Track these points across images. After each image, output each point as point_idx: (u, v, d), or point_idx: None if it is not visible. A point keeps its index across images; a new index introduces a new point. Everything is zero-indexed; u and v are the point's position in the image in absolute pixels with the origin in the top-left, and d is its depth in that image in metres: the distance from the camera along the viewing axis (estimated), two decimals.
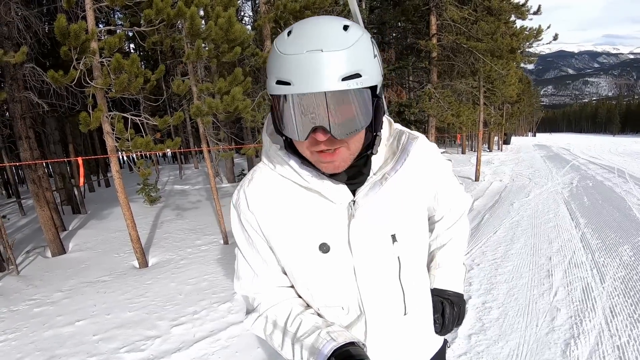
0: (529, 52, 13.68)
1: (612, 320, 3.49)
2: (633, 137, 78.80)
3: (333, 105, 0.77)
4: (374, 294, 1.01)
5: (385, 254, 1.00)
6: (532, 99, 63.78)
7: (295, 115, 0.80)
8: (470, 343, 3.28)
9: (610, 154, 21.64)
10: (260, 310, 1.07)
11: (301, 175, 0.95)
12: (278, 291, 1.08)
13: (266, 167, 1.03)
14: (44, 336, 3.98)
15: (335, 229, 0.97)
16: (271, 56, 0.82)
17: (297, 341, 0.96)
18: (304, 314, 1.02)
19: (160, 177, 16.49)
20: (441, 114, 12.04)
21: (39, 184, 6.77)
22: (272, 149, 0.99)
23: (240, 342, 3.54)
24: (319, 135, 0.80)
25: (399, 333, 1.08)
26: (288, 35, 0.80)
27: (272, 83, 0.80)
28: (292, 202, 0.99)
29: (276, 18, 6.68)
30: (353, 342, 0.92)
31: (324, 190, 0.95)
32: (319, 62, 0.74)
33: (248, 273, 1.09)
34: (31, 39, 6.68)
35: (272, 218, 1.00)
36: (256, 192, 1.01)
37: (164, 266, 5.93)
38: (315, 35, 0.77)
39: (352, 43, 0.77)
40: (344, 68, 0.76)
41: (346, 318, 1.04)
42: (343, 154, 0.87)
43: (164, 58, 14.92)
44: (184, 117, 5.69)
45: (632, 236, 5.76)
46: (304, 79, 0.75)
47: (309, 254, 0.99)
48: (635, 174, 11.99)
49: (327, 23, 0.80)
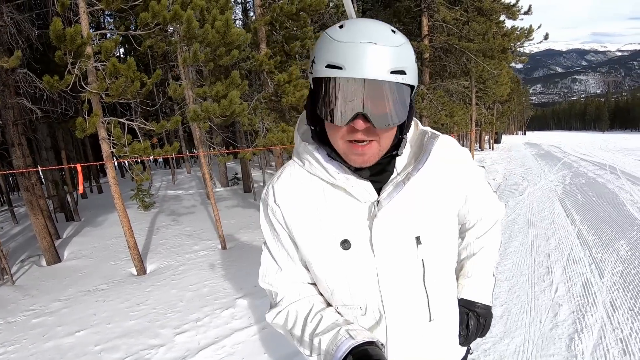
0: (520, 52, 13.82)
1: (614, 314, 3.52)
2: (622, 133, 79.86)
3: (378, 94, 0.82)
4: (396, 296, 1.00)
5: (408, 256, 1.00)
6: (522, 98, 64.33)
7: (341, 99, 0.83)
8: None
9: (601, 150, 21.91)
10: (282, 306, 1.08)
11: (327, 171, 0.97)
12: (301, 287, 1.09)
13: (295, 164, 1.06)
14: (44, 348, 3.92)
15: (357, 226, 0.98)
16: (321, 42, 0.86)
17: (315, 337, 0.97)
18: (325, 311, 1.03)
19: (153, 182, 16.39)
20: (434, 114, 12.10)
21: (32, 192, 6.68)
22: (302, 145, 1.02)
23: (245, 348, 3.51)
24: (359, 123, 0.84)
25: (422, 340, 1.07)
26: (340, 28, 0.84)
27: (320, 67, 0.84)
28: (317, 197, 1.01)
29: (272, 21, 6.68)
30: (372, 341, 0.91)
31: (350, 187, 0.96)
32: (372, 52, 0.80)
33: (272, 267, 1.10)
34: (23, 44, 6.59)
35: (297, 212, 1.01)
36: (283, 187, 1.04)
37: (162, 273, 5.88)
38: (369, 30, 0.82)
39: (400, 44, 0.84)
40: (393, 62, 0.81)
41: (363, 319, 1.04)
42: (374, 148, 0.90)
43: (155, 63, 14.84)
44: (180, 121, 5.65)
45: (627, 231, 5.83)
46: (356, 65, 0.79)
47: (330, 250, 0.99)
48: (626, 170, 12.15)
49: (378, 23, 0.86)
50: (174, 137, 19.65)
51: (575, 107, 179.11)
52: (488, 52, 10.85)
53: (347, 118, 0.83)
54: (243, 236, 7.46)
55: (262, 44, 6.99)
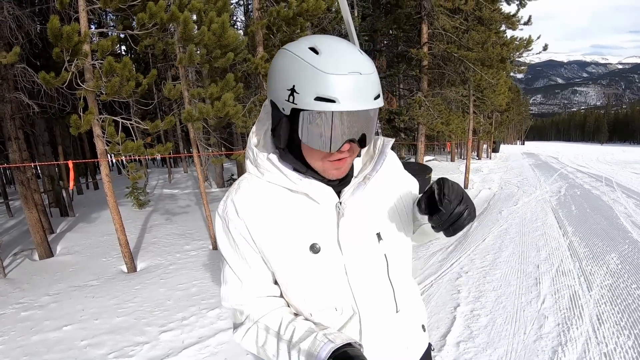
0: (519, 62, 13.89)
1: (599, 328, 3.54)
2: (621, 145, 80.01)
3: (367, 120, 0.90)
4: (365, 292, 1.04)
5: (372, 252, 1.05)
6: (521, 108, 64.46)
7: (334, 129, 0.86)
8: (459, 350, 3.30)
9: (599, 162, 21.94)
10: (249, 323, 1.06)
11: (290, 179, 0.99)
12: (266, 301, 1.08)
13: (252, 176, 1.06)
14: (31, 341, 3.93)
15: (324, 229, 1.00)
16: (301, 70, 0.85)
17: (293, 347, 0.96)
18: (296, 320, 1.02)
19: (149, 180, 16.37)
20: (431, 122, 12.15)
21: (27, 186, 6.69)
22: (260, 157, 1.02)
23: (229, 349, 3.52)
24: (346, 146, 0.90)
25: (391, 331, 1.11)
26: (316, 53, 0.85)
27: (307, 99, 0.84)
28: (281, 206, 1.01)
29: (269, 24, 6.70)
30: (350, 342, 0.92)
31: (311, 192, 0.99)
32: (361, 83, 0.84)
33: (235, 283, 1.08)
34: (23, 39, 6.61)
35: (263, 223, 1.01)
36: (245, 199, 1.03)
37: (152, 271, 5.88)
38: (349, 57, 0.85)
39: (373, 69, 0.88)
40: (375, 89, 0.87)
41: (340, 319, 1.05)
42: (349, 161, 0.97)
43: (155, 62, 14.87)
44: (175, 121, 5.66)
45: (619, 244, 5.84)
46: (350, 99, 0.83)
47: (300, 256, 1.00)
48: (622, 183, 12.17)
49: (349, 46, 0.89)
50: (172, 136, 19.67)
51: (575, 118, 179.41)
52: (487, 61, 10.90)
53: (338, 145, 0.88)
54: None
55: (259, 47, 7.02)
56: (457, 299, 4.29)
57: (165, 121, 5.29)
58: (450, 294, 4.44)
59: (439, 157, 26.72)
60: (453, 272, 5.10)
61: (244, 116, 6.30)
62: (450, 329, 3.65)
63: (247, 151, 1.09)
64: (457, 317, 3.88)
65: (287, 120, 0.93)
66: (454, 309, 4.06)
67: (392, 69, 15.00)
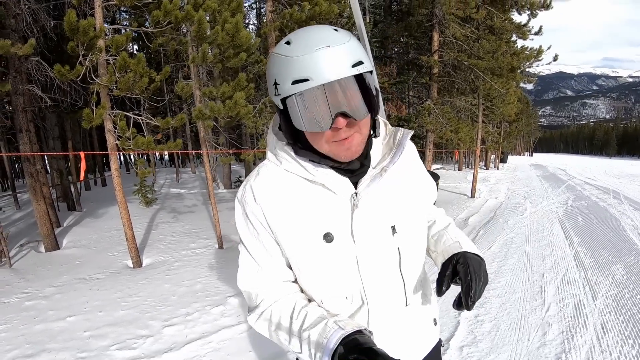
0: (529, 72, 13.85)
1: (604, 337, 3.51)
2: (629, 159, 79.37)
3: (349, 90, 0.87)
4: (375, 283, 1.05)
5: (385, 244, 1.05)
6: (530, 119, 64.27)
7: (317, 106, 0.87)
8: (462, 355, 3.29)
9: (606, 175, 21.77)
10: (263, 306, 1.08)
11: (307, 169, 1.00)
12: (281, 286, 1.10)
13: (271, 163, 1.08)
14: (34, 330, 3.96)
15: (339, 219, 1.02)
16: (276, 63, 0.88)
17: (303, 332, 0.97)
18: (309, 306, 1.04)
19: (157, 179, 16.47)
20: (440, 129, 12.13)
21: (36, 178, 6.76)
22: (279, 145, 1.05)
23: (232, 345, 3.54)
24: (339, 121, 0.88)
25: (400, 324, 1.12)
26: (288, 44, 0.88)
27: (286, 86, 0.87)
28: (297, 194, 1.03)
29: (282, 27, 6.75)
30: (360, 330, 0.92)
31: (328, 182, 1.00)
32: (331, 55, 0.84)
33: (252, 267, 1.10)
34: (38, 33, 6.70)
35: (279, 210, 1.03)
36: (263, 186, 1.05)
37: (157, 267, 5.92)
38: (317, 37, 0.86)
39: (348, 39, 0.88)
40: (351, 57, 0.86)
41: (350, 308, 1.07)
42: (357, 139, 0.95)
43: (167, 60, 14.99)
44: (185, 119, 5.71)
45: (625, 256, 5.81)
46: (322, 72, 0.83)
47: (313, 244, 1.02)
48: (630, 196, 12.08)
49: (320, 28, 0.90)
50: (181, 135, 19.77)
51: (584, 131, 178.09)
52: (497, 70, 10.88)
53: (329, 122, 0.87)
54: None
55: (272, 49, 7.05)
56: None
57: (176, 118, 5.34)
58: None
59: (447, 166, 26.63)
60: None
61: (254, 117, 6.34)
62: (454, 333, 3.64)
63: (268, 137, 1.11)
64: (461, 322, 3.87)
65: (283, 115, 0.96)
66: (458, 314, 4.04)
67: (402, 76, 15.03)
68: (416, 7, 12.24)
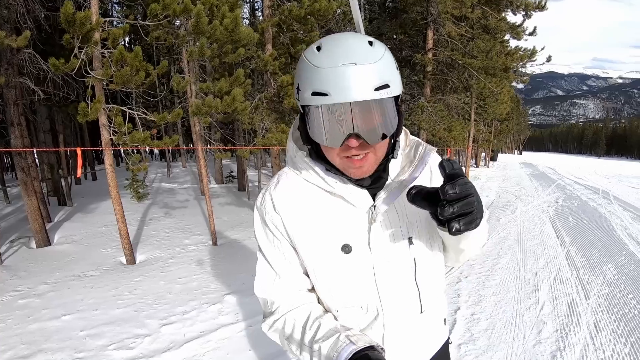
0: (522, 72, 13.94)
1: (597, 335, 3.57)
2: (618, 159, 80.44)
3: (367, 113, 0.84)
4: (391, 293, 1.05)
5: (401, 256, 1.05)
6: (520, 118, 64.78)
7: (331, 123, 0.85)
8: (460, 352, 3.33)
9: (596, 175, 22.08)
10: (278, 314, 1.08)
11: (326, 181, 1.00)
12: (298, 295, 1.10)
13: (291, 172, 1.08)
14: (29, 329, 3.90)
15: (357, 231, 1.02)
16: (303, 69, 0.87)
17: (315, 344, 0.97)
18: (323, 317, 1.03)
19: (148, 174, 16.33)
20: (433, 127, 12.18)
21: (27, 173, 6.66)
22: (298, 155, 1.04)
23: (231, 344, 3.53)
24: (352, 141, 0.86)
25: (415, 330, 1.12)
26: (318, 50, 0.86)
27: (306, 95, 0.85)
28: (316, 205, 1.03)
29: (279, 22, 6.72)
30: (372, 346, 0.92)
31: (347, 195, 1.00)
32: (354, 74, 0.81)
33: (270, 274, 1.10)
34: (31, 24, 6.58)
35: (298, 219, 1.03)
36: (283, 195, 1.05)
37: (152, 264, 5.87)
38: (347, 50, 0.83)
39: (379, 57, 0.85)
40: (376, 79, 0.82)
41: (365, 317, 1.07)
42: (370, 159, 0.93)
43: (160, 54, 14.85)
44: (182, 114, 5.67)
45: (616, 255, 5.90)
46: (342, 90, 0.81)
47: (331, 254, 1.02)
48: (619, 196, 12.26)
49: (354, 39, 0.87)
50: (172, 131, 19.62)
51: (573, 130, 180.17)
52: (490, 69, 10.96)
53: (340, 140, 0.86)
54: (234, 234, 7.46)
55: (268, 45, 7.02)
56: (457, 303, 4.31)
57: (172, 114, 5.29)
58: (451, 297, 4.47)
59: None
60: (453, 277, 5.12)
61: (251, 112, 6.31)
62: (452, 331, 3.67)
63: (287, 145, 1.11)
64: (458, 320, 3.90)
65: (301, 118, 0.96)
66: (455, 312, 4.08)
67: None
68: (411, 4, 12.25)
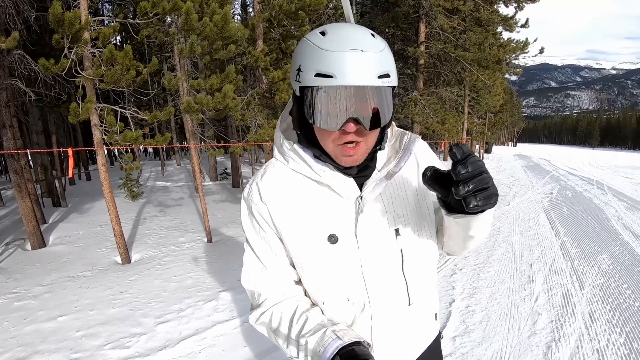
0: (515, 64, 13.96)
1: (592, 325, 3.60)
2: (612, 150, 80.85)
3: (368, 98, 0.85)
4: (378, 284, 1.05)
5: (388, 247, 1.05)
6: (514, 110, 64.92)
7: (331, 106, 0.85)
8: (455, 344, 3.34)
9: (590, 166, 22.16)
10: (266, 306, 1.08)
11: (314, 169, 1.00)
12: (285, 287, 1.09)
13: (278, 163, 1.07)
14: (25, 331, 3.89)
15: (343, 221, 1.02)
16: (306, 50, 0.87)
17: (301, 338, 0.97)
18: (310, 311, 1.03)
19: (142, 172, 16.29)
20: (426, 120, 12.19)
21: (21, 175, 6.62)
22: (286, 144, 1.04)
23: (226, 340, 3.53)
24: (350, 126, 0.86)
25: (403, 322, 1.11)
26: (323, 35, 0.86)
27: (309, 76, 0.85)
28: (303, 195, 1.03)
29: (270, 18, 6.69)
30: (359, 341, 0.92)
31: (334, 184, 1.00)
32: (360, 59, 0.83)
33: (256, 266, 1.10)
34: (21, 25, 6.52)
35: (284, 209, 1.03)
36: (269, 185, 1.05)
37: (147, 263, 5.86)
38: (353, 37, 0.85)
39: (382, 48, 0.87)
40: (379, 67, 0.85)
41: (352, 309, 1.06)
42: (362, 148, 0.94)
43: (151, 52, 14.76)
44: (173, 112, 5.64)
45: (610, 246, 5.93)
46: (348, 74, 0.82)
47: (318, 245, 1.02)
48: (613, 187, 12.33)
49: (359, 29, 0.88)
50: (166, 128, 19.56)
51: (567, 121, 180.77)
52: (483, 62, 10.96)
53: (340, 123, 0.86)
54: (229, 231, 7.46)
55: (259, 41, 7.00)
56: (452, 295, 4.33)
57: (164, 112, 5.26)
58: (445, 290, 4.48)
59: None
60: (447, 269, 5.14)
61: (242, 109, 6.29)
62: (446, 324, 3.69)
63: (275, 137, 1.10)
64: (453, 312, 3.92)
65: (297, 102, 0.95)
66: (449, 304, 4.10)
67: None
68: None
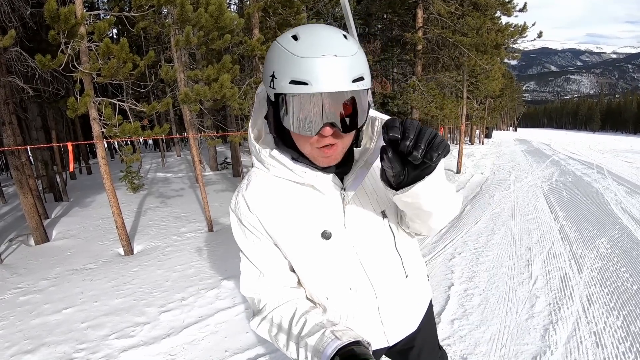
0: (513, 48, 13.88)
1: (589, 308, 3.64)
2: (613, 134, 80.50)
3: (344, 103, 0.87)
4: (376, 266, 1.11)
5: (379, 228, 1.11)
6: (514, 94, 64.49)
7: (307, 112, 0.87)
8: (454, 327, 3.40)
9: (590, 150, 22.09)
10: (265, 312, 1.11)
11: (295, 172, 1.02)
12: (283, 292, 1.12)
13: (259, 171, 1.10)
14: (31, 324, 3.95)
15: (332, 216, 1.06)
16: (279, 56, 0.87)
17: (301, 340, 0.99)
18: (309, 313, 1.05)
19: (143, 164, 16.31)
20: (425, 106, 12.14)
21: (22, 171, 6.65)
22: (263, 153, 1.05)
23: (229, 327, 3.60)
24: (326, 130, 0.88)
25: (403, 294, 1.21)
26: (295, 39, 0.86)
27: (284, 83, 0.86)
28: (289, 198, 1.06)
29: (265, 6, 6.66)
30: (358, 341, 0.93)
31: (317, 183, 1.03)
32: (335, 65, 0.83)
33: (254, 273, 1.13)
34: (17, 22, 6.50)
35: (274, 216, 1.06)
36: (255, 195, 1.08)
37: (149, 253, 5.92)
38: (326, 41, 0.85)
39: (355, 51, 0.87)
40: (353, 71, 0.86)
41: (356, 297, 1.12)
42: (339, 148, 0.96)
43: (148, 44, 14.70)
44: (171, 103, 5.65)
45: (609, 229, 5.96)
46: (322, 80, 0.83)
47: (313, 243, 1.06)
48: (613, 171, 12.31)
49: (331, 31, 0.89)
50: (165, 120, 19.53)
51: (568, 106, 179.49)
52: (481, 47, 10.90)
53: (317, 129, 0.88)
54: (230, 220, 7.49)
55: (255, 30, 6.97)
56: (450, 279, 4.38)
57: (162, 103, 5.27)
58: (444, 274, 4.53)
59: None
60: (447, 253, 5.19)
61: (240, 98, 6.29)
62: (445, 307, 3.74)
63: (250, 147, 1.11)
64: (451, 296, 3.97)
65: (273, 107, 0.96)
66: (448, 288, 4.15)
67: (387, 53, 14.91)
68: None
